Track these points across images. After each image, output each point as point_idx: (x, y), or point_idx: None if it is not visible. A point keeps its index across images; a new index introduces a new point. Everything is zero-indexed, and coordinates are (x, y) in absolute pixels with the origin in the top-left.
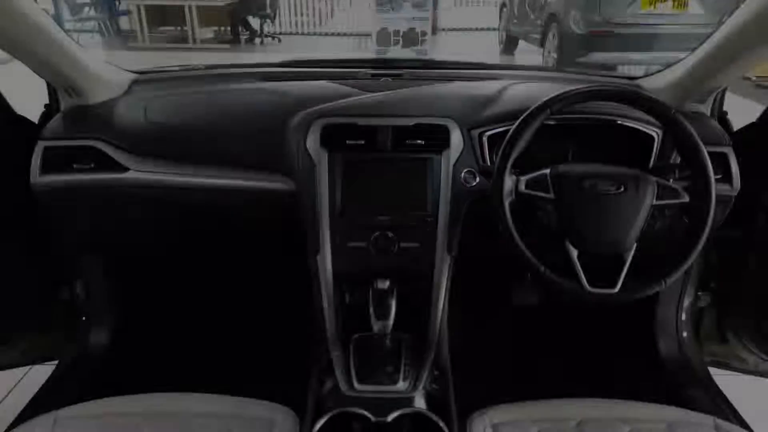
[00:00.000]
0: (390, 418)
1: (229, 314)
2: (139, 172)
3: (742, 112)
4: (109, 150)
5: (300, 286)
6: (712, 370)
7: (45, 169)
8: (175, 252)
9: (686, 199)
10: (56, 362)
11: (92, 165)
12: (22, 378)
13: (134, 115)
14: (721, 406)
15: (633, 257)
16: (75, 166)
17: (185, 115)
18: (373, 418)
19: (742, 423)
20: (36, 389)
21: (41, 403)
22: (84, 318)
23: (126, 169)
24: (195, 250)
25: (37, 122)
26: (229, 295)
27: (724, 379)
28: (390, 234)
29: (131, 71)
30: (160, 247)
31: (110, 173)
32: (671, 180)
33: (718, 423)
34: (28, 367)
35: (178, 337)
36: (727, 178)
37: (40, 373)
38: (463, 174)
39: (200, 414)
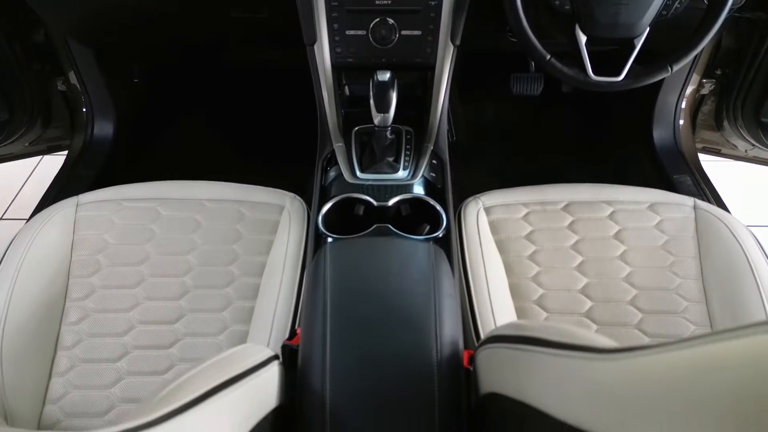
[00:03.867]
0: (391, 202)
1: (234, 106)
2: None
3: None
4: None
5: (302, 78)
6: (702, 156)
7: None
8: (169, 39)
9: None
10: (66, 153)
11: None
12: (34, 169)
13: None
14: (704, 189)
15: (642, 44)
16: None
17: None
18: (375, 203)
19: (721, 204)
20: (50, 179)
21: (59, 191)
22: (84, 110)
23: None
24: (189, 38)
25: None
26: (232, 86)
27: (711, 165)
28: (390, 21)
29: None
30: (152, 33)
31: None
32: None
33: (698, 203)
34: (39, 158)
35: (183, 129)
36: None
37: (51, 163)
38: None
39: (212, 199)
